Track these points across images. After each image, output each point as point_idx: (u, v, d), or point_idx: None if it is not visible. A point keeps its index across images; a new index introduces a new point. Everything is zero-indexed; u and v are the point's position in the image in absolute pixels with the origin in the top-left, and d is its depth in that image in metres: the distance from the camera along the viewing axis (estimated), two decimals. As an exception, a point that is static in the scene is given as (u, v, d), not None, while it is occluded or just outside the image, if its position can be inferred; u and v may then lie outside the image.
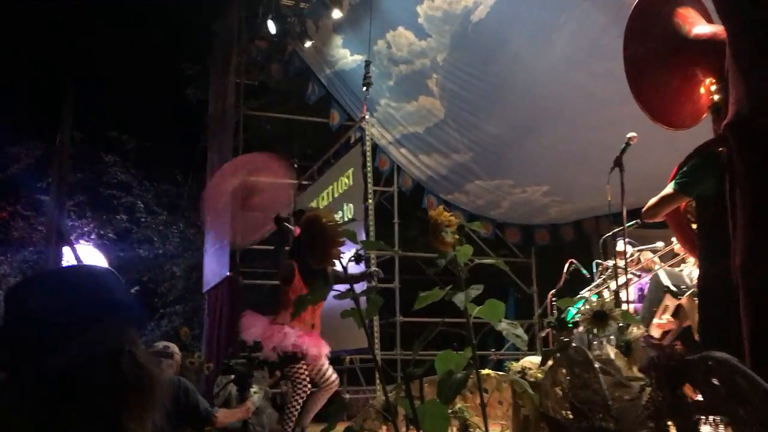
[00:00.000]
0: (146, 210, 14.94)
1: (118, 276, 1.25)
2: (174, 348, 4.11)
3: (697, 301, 4.04)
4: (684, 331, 4.07)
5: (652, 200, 2.39)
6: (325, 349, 5.19)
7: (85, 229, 14.59)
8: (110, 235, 14.69)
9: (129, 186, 14.85)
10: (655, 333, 4.13)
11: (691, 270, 4.52)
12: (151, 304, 14.46)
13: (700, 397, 0.81)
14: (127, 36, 13.89)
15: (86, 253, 12.87)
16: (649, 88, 2.03)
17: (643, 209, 2.45)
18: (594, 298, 4.80)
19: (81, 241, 13.87)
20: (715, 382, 0.76)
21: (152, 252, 14.85)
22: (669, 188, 2.23)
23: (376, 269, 5.73)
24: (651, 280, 4.40)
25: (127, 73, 14.31)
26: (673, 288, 4.09)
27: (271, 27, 9.08)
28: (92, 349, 1.09)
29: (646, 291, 4.50)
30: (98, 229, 14.43)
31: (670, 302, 4.07)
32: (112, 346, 1.12)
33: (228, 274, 9.86)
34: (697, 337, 4.11)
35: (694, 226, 2.47)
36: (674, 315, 4.06)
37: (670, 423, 0.90)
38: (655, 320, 4.13)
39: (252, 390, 7.04)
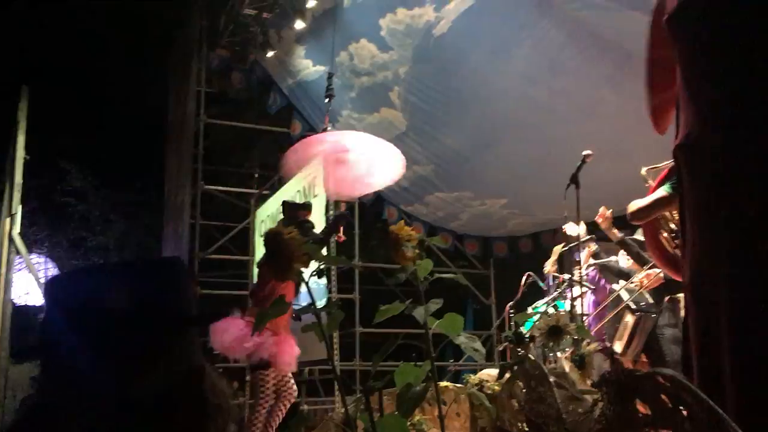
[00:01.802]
0: (101, 218, 14.64)
1: (185, 266, 1.05)
2: None
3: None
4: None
5: (642, 202, 2.31)
6: (295, 355, 4.98)
7: (38, 237, 14.24)
8: (63, 243, 14.35)
9: (85, 193, 14.53)
10: (618, 348, 4.22)
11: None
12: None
13: (649, 412, 0.84)
14: (86, 40, 13.63)
15: (37, 262, 12.56)
16: (663, 93, 2.01)
17: (631, 210, 2.37)
18: (550, 311, 4.88)
19: (33, 249, 13.53)
20: (663, 397, 0.80)
21: (107, 261, 14.55)
22: (662, 191, 2.20)
23: (346, 212, 5.51)
24: (612, 296, 4.51)
25: (85, 78, 14.05)
26: (631, 304, 4.19)
27: (233, 36, 9.06)
28: (175, 366, 0.91)
29: (604, 307, 4.60)
30: (51, 236, 14.08)
31: (630, 319, 4.16)
32: (191, 364, 0.93)
33: (185, 283, 9.72)
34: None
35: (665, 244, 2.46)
36: (632, 330, 4.15)
37: (621, 436, 0.93)
38: (617, 338, 4.22)
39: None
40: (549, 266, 5.86)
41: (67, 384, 0.86)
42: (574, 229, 5.70)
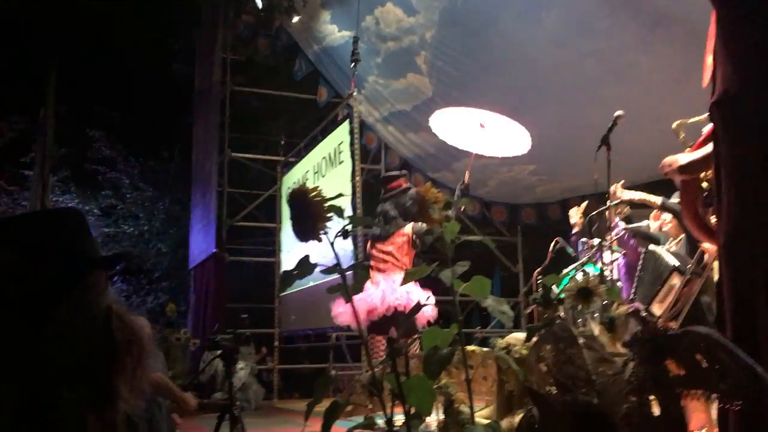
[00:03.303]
0: (131, 186, 14.81)
1: (82, 215, 1.13)
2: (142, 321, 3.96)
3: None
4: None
5: (692, 156, 2.18)
6: None
7: (69, 205, 14.47)
8: (95, 211, 14.57)
9: (114, 161, 14.70)
10: (657, 311, 4.11)
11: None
12: (137, 280, 14.41)
13: (682, 372, 0.82)
14: (112, 9, 13.64)
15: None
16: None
17: (682, 164, 2.24)
18: (579, 276, 4.83)
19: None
20: (698, 356, 0.78)
21: (137, 228, 14.76)
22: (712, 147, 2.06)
23: (469, 182, 5.53)
24: (647, 258, 4.37)
25: (112, 47, 14.10)
26: (681, 267, 4.08)
27: (258, 1, 8.98)
28: (77, 310, 0.97)
29: (639, 268, 4.47)
30: (83, 204, 14.30)
31: (677, 281, 4.05)
32: (97, 304, 1.01)
33: (214, 250, 9.84)
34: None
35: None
36: (679, 294, 4.04)
37: (651, 397, 0.91)
38: (658, 299, 4.11)
39: (238, 366, 7.05)
40: (575, 217, 5.83)
41: None
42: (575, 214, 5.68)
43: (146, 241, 14.74)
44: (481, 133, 5.49)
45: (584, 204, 5.94)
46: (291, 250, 9.37)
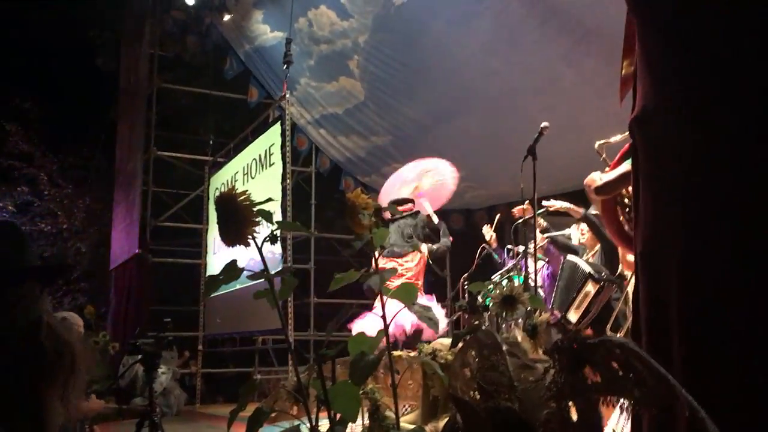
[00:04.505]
0: (50, 182, 14.21)
1: (20, 227, 1.09)
2: (74, 319, 3.83)
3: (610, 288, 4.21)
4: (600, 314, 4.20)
5: (607, 176, 2.27)
6: None
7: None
8: (10, 207, 13.91)
9: (31, 156, 14.06)
10: (573, 318, 4.24)
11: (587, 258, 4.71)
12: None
13: (599, 379, 0.85)
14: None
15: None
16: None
17: (597, 185, 2.34)
18: (504, 283, 4.94)
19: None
20: (614, 364, 0.80)
21: (55, 227, 14.17)
22: (627, 165, 2.13)
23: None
24: (565, 266, 4.52)
25: (33, 39, 13.52)
26: (594, 274, 4.22)
27: (189, -2, 8.81)
28: (4, 320, 0.95)
29: (558, 277, 4.61)
30: (-4, 200, 13.64)
31: (592, 288, 4.19)
32: (26, 315, 0.97)
33: (137, 251, 9.56)
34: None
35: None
36: (592, 300, 4.18)
37: (570, 403, 0.93)
38: (575, 305, 4.25)
39: (160, 370, 6.85)
40: (488, 234, 6.01)
41: None
42: (487, 231, 5.96)
43: (64, 240, 14.16)
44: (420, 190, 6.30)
45: (496, 218, 6.17)
46: (217, 252, 9.21)
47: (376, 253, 1.54)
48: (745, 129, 1.24)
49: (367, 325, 5.01)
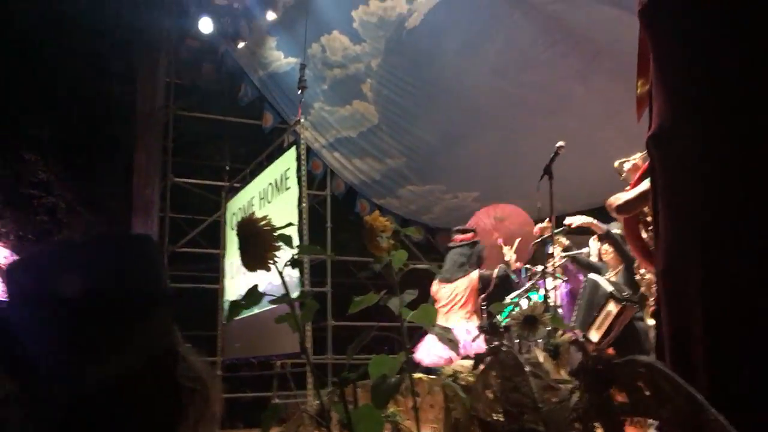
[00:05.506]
0: (68, 210, 14.34)
1: (156, 243, 0.99)
2: None
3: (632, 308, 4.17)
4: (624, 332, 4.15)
5: (628, 195, 2.27)
6: None
7: (3, 230, 13.91)
8: (30, 236, 14.05)
9: (50, 185, 14.22)
10: (594, 337, 4.20)
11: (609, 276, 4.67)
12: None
13: (626, 400, 0.85)
14: (53, 27, 13.31)
15: (4, 256, 12.27)
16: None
17: (618, 204, 2.34)
18: (524, 303, 4.91)
19: (-2, 243, 13.23)
20: (640, 384, 0.80)
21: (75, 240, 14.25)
22: (647, 183, 2.10)
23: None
24: (587, 285, 4.48)
25: (51, 68, 13.74)
26: (616, 294, 4.18)
27: (204, 26, 8.92)
28: (139, 351, 0.82)
29: (579, 296, 4.57)
30: (17, 230, 13.78)
31: (613, 307, 4.15)
32: (161, 347, 0.87)
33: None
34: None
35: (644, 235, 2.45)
36: (614, 320, 4.14)
37: (596, 424, 0.93)
38: (596, 325, 4.20)
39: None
40: (508, 255, 5.98)
41: (31, 372, 0.78)
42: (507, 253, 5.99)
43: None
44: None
45: (516, 241, 6.15)
46: (235, 277, 9.23)
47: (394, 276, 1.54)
48: (764, 144, 1.24)
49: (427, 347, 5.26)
